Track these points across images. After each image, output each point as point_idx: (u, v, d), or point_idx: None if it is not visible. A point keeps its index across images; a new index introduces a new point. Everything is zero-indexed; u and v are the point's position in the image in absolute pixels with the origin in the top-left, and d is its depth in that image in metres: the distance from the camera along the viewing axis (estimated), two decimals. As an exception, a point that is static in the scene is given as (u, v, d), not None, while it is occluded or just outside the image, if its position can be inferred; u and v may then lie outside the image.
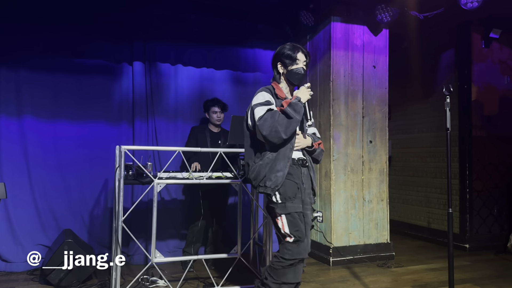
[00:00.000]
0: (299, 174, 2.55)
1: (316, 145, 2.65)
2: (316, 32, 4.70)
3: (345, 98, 4.45)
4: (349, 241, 4.40)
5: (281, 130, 2.37)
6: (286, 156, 2.48)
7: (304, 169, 2.59)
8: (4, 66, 3.99)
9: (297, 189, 2.51)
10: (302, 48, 2.62)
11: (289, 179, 2.48)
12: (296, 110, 2.43)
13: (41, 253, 3.94)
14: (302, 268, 2.55)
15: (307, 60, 2.63)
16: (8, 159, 3.99)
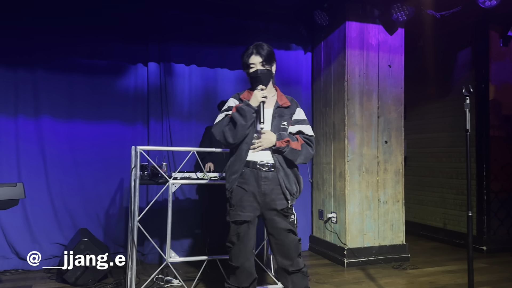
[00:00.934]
0: (257, 179, 2.45)
1: (281, 143, 2.44)
2: (330, 32, 4.66)
3: (360, 98, 4.41)
4: (363, 243, 4.37)
5: (228, 135, 2.42)
6: (241, 159, 2.46)
7: (268, 173, 2.45)
8: (21, 67, 4.05)
9: (242, 196, 2.46)
10: (257, 49, 2.53)
11: (239, 185, 2.46)
12: (242, 114, 2.40)
13: (58, 252, 4.03)
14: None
15: (262, 59, 2.50)
16: (26, 159, 4.05)
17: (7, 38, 3.99)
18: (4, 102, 4.00)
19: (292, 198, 2.51)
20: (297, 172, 2.58)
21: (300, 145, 2.50)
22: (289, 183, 2.49)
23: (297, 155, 2.48)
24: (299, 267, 2.51)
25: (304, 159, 2.52)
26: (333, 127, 4.59)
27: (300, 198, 4.90)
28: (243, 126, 2.40)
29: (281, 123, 2.53)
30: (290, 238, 2.49)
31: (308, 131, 2.60)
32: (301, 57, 5.08)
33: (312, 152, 2.56)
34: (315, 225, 4.98)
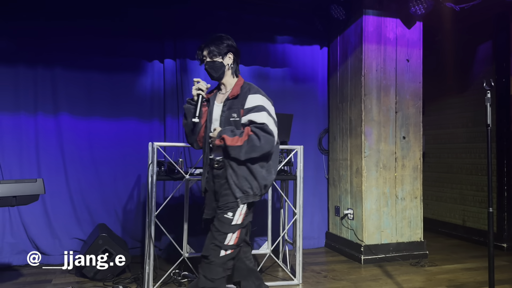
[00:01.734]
0: (213, 176, 2.42)
1: (218, 141, 2.30)
2: (347, 26, 4.61)
3: (377, 93, 4.36)
4: (381, 239, 4.32)
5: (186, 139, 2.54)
6: (206, 157, 2.47)
7: (219, 171, 2.39)
8: (40, 65, 4.11)
9: (208, 195, 2.47)
10: (205, 42, 2.47)
11: (205, 184, 2.48)
12: (184, 114, 2.47)
13: (77, 247, 4.10)
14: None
15: (207, 51, 2.44)
16: (45, 156, 4.12)
17: (26, 38, 4.07)
18: (24, 100, 4.07)
19: (247, 196, 2.32)
20: (253, 167, 2.32)
21: (243, 140, 2.26)
22: (238, 179, 2.31)
23: (237, 151, 2.26)
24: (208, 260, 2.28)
25: (250, 153, 2.26)
26: (349, 122, 4.55)
27: (316, 195, 4.93)
28: (185, 125, 2.46)
29: (231, 115, 2.37)
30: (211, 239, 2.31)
31: (260, 119, 2.31)
32: (317, 52, 5.04)
33: (259, 143, 2.26)
34: (331, 221, 4.95)
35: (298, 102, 4.89)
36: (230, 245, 2.28)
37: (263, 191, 2.39)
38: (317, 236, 4.97)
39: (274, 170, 2.45)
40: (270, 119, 2.36)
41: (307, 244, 4.75)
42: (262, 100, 2.38)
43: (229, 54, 2.48)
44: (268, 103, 2.42)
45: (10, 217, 3.99)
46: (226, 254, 2.28)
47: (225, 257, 2.28)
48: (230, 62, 2.49)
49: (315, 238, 4.95)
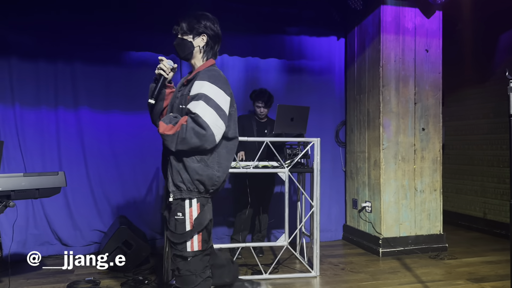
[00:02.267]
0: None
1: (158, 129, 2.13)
2: (364, 16, 4.55)
3: (395, 84, 4.30)
4: (399, 232, 4.29)
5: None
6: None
7: (167, 162, 2.21)
8: (60, 60, 4.18)
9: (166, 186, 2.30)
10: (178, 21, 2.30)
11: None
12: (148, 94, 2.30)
13: (97, 238, 4.19)
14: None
15: (179, 26, 2.28)
16: (66, 149, 4.20)
17: (46, 32, 4.13)
18: (45, 94, 4.15)
19: (179, 191, 2.11)
20: (188, 161, 2.09)
21: (175, 129, 2.05)
22: (173, 173, 2.13)
23: (169, 141, 2.06)
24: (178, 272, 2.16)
25: (177, 145, 2.04)
26: (367, 114, 4.50)
27: (333, 187, 4.91)
28: (148, 104, 2.28)
29: (181, 102, 2.19)
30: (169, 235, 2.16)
31: (194, 108, 2.06)
32: (334, 43, 4.99)
33: (184, 135, 2.02)
34: (348, 214, 4.93)
35: (315, 94, 4.86)
36: (194, 251, 2.10)
37: (200, 187, 2.11)
38: (335, 228, 4.96)
39: (221, 166, 2.18)
40: (208, 110, 2.05)
41: (324, 237, 4.74)
42: (207, 87, 2.09)
43: (202, 36, 2.26)
44: (217, 91, 2.11)
45: (33, 210, 4.10)
46: (193, 259, 2.10)
47: (194, 263, 2.10)
48: (201, 44, 2.27)
49: (332, 231, 4.94)
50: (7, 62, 4.03)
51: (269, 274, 3.46)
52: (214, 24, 2.31)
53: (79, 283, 3.25)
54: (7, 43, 4.03)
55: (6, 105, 4.04)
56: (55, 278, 3.42)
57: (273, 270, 3.52)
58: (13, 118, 4.06)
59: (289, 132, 3.73)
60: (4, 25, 4.02)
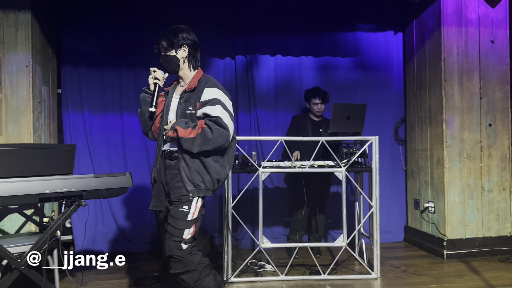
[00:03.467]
0: (164, 167, 2.42)
1: (172, 133, 2.29)
2: (423, 9, 4.37)
3: (459, 77, 4.09)
4: (465, 234, 4.07)
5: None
6: (158, 147, 2.47)
7: (172, 162, 2.37)
8: (124, 68, 4.42)
9: (157, 186, 2.46)
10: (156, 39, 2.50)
11: (155, 175, 2.47)
12: (141, 103, 2.49)
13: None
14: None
15: (163, 43, 2.44)
16: (131, 151, 4.43)
17: (110, 40, 4.37)
18: (111, 101, 4.40)
19: (198, 190, 2.31)
20: (206, 161, 2.31)
21: (196, 132, 2.25)
22: (190, 173, 2.29)
23: (190, 143, 2.25)
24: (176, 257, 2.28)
25: (202, 146, 2.25)
26: (429, 110, 4.32)
27: (393, 187, 4.76)
28: (140, 114, 2.45)
29: (187, 108, 2.36)
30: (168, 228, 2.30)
31: (214, 112, 2.30)
32: (391, 38, 4.84)
33: (211, 136, 2.25)
34: (410, 215, 4.75)
35: (372, 91, 4.75)
36: (188, 238, 2.29)
37: (216, 186, 2.39)
38: (395, 230, 4.80)
39: (229, 165, 2.44)
40: (225, 112, 2.32)
41: (384, 238, 4.61)
42: (218, 93, 2.35)
43: (183, 47, 2.45)
44: (225, 97, 2.38)
45: (101, 209, 4.36)
46: (187, 246, 2.28)
47: (188, 249, 2.29)
48: (184, 56, 2.46)
49: (392, 232, 4.79)
50: (76, 70, 4.33)
51: (327, 274, 3.43)
52: (190, 33, 2.50)
53: (145, 278, 3.41)
54: (77, 52, 4.33)
55: (76, 112, 4.34)
56: (122, 274, 3.62)
57: (331, 271, 3.49)
58: (82, 124, 4.35)
59: (345, 130, 3.68)
60: (74, 35, 4.31)
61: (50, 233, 2.65)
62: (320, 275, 3.42)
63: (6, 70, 3.46)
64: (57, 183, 2.60)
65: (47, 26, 3.94)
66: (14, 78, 3.47)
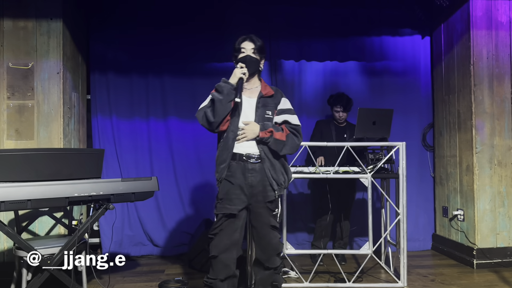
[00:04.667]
0: (244, 171, 2.44)
1: (264, 133, 2.42)
2: (451, 13, 4.28)
3: (489, 82, 3.98)
4: (496, 243, 3.94)
5: (209, 115, 2.40)
6: (227, 148, 2.45)
7: (255, 164, 2.45)
8: (150, 74, 4.50)
9: (228, 188, 2.44)
10: (251, 37, 2.56)
11: (226, 177, 2.45)
12: (219, 91, 2.39)
13: (186, 240, 4.41)
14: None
15: (255, 46, 2.53)
16: (157, 156, 4.50)
17: (138, 47, 4.47)
18: (138, 106, 4.49)
19: (280, 188, 2.48)
20: (284, 162, 2.55)
21: (285, 135, 2.46)
22: (276, 173, 2.46)
23: (281, 145, 2.44)
24: (275, 265, 2.53)
25: (289, 149, 2.48)
26: (457, 116, 4.21)
27: (421, 194, 4.66)
28: (220, 101, 2.38)
29: (265, 112, 2.50)
30: (272, 234, 2.48)
31: (294, 121, 2.55)
32: (418, 42, 4.76)
33: (298, 142, 2.51)
34: (438, 223, 4.64)
35: (399, 96, 4.67)
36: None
37: (287, 185, 2.59)
38: (423, 238, 4.69)
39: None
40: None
41: (411, 246, 4.50)
42: (290, 105, 2.63)
43: (263, 60, 2.61)
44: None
45: (128, 212, 4.43)
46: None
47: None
48: (261, 67, 2.62)
49: (420, 240, 4.67)
50: (105, 77, 4.44)
51: (353, 282, 3.38)
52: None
53: (169, 282, 3.44)
54: (106, 59, 4.44)
55: (104, 117, 4.44)
56: (147, 277, 3.67)
57: (357, 279, 3.44)
58: (111, 129, 4.45)
59: (371, 136, 3.63)
60: (102, 42, 4.43)
61: (79, 235, 2.71)
62: (345, 282, 3.37)
63: (39, 77, 3.58)
64: (85, 186, 2.66)
65: (77, 33, 4.06)
66: (46, 85, 3.59)
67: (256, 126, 2.45)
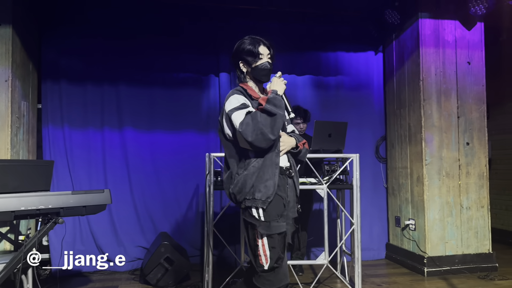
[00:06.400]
0: (285, 185, 2.23)
1: (301, 145, 2.31)
2: (402, 30, 4.49)
3: (437, 97, 4.19)
4: (445, 251, 4.11)
5: (267, 131, 2.05)
6: (273, 163, 2.14)
7: (289, 179, 2.26)
8: (106, 83, 4.40)
9: (283, 205, 2.18)
10: (263, 40, 2.31)
11: (276, 192, 2.14)
12: (277, 105, 2.11)
13: (140, 254, 4.29)
14: None
15: (271, 52, 2.32)
16: (111, 168, 4.37)
17: (93, 56, 4.36)
18: (92, 116, 4.36)
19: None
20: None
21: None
22: (299, 188, 2.35)
23: (306, 155, 2.38)
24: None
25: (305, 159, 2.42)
26: (408, 129, 4.40)
27: (375, 205, 4.81)
28: (282, 117, 2.13)
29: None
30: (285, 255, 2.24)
31: (296, 131, 2.50)
32: (372, 58, 4.95)
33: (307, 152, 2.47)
34: (391, 232, 4.79)
35: (353, 109, 4.82)
36: None
37: None
38: (377, 247, 4.82)
39: None
40: None
41: (366, 256, 4.62)
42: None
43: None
44: None
45: (80, 226, 4.26)
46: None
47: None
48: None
49: (374, 250, 4.80)
50: (57, 85, 4.28)
51: (309, 292, 3.41)
52: None
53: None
54: (59, 67, 4.29)
55: (56, 127, 4.27)
56: (100, 293, 3.52)
57: (313, 289, 3.47)
58: (62, 139, 4.28)
59: (327, 148, 3.71)
60: (55, 49, 4.28)
61: (25, 251, 2.57)
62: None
63: (-15, 84, 3.40)
64: (33, 200, 2.54)
65: (28, 39, 3.91)
66: (-7, 93, 3.41)
67: (290, 137, 2.29)
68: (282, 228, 2.14)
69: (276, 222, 2.12)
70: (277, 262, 2.13)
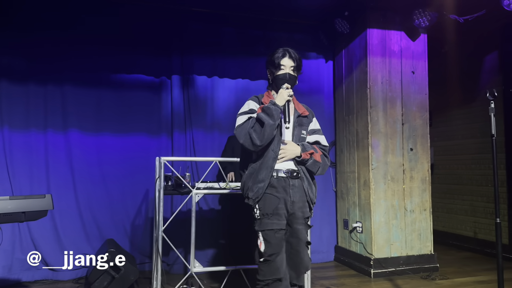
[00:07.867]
0: (285, 186, 2.41)
1: (306, 155, 2.43)
2: (351, 39, 4.65)
3: (383, 105, 4.36)
4: (390, 252, 4.28)
5: (254, 137, 2.28)
6: (268, 166, 2.37)
7: (295, 181, 2.44)
8: (50, 83, 4.19)
9: (277, 204, 2.36)
10: (290, 53, 2.50)
11: (270, 192, 2.37)
12: (269, 114, 2.29)
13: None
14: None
15: (295, 64, 2.49)
16: (55, 172, 4.16)
17: (37, 54, 4.14)
18: (35, 117, 4.13)
19: (312, 205, 2.52)
20: (315, 182, 2.58)
21: (319, 156, 2.50)
22: (312, 192, 2.50)
23: (317, 167, 2.49)
24: (301, 283, 2.46)
25: (322, 170, 2.52)
26: (356, 135, 4.55)
27: (324, 208, 4.91)
28: (271, 126, 2.29)
29: (301, 132, 2.52)
30: (306, 251, 2.44)
31: (324, 142, 2.62)
32: (323, 65, 5.08)
33: (328, 163, 2.58)
34: (340, 235, 4.91)
35: (304, 115, 4.90)
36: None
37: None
38: (326, 250, 4.93)
39: None
40: None
41: (315, 258, 4.71)
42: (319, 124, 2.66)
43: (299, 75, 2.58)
44: None
45: (19, 233, 4.02)
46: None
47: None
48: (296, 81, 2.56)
49: (324, 252, 4.90)
50: (-4, 85, 4.04)
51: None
52: None
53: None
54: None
55: (-6, 128, 4.02)
56: (40, 304, 3.34)
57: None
58: (2, 141, 4.03)
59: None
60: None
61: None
62: (252, 298, 3.39)
63: None
64: (-34, 206, 2.37)
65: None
66: None
67: (296, 146, 2.44)
68: (274, 226, 2.33)
69: (268, 219, 2.34)
70: (270, 256, 2.31)
